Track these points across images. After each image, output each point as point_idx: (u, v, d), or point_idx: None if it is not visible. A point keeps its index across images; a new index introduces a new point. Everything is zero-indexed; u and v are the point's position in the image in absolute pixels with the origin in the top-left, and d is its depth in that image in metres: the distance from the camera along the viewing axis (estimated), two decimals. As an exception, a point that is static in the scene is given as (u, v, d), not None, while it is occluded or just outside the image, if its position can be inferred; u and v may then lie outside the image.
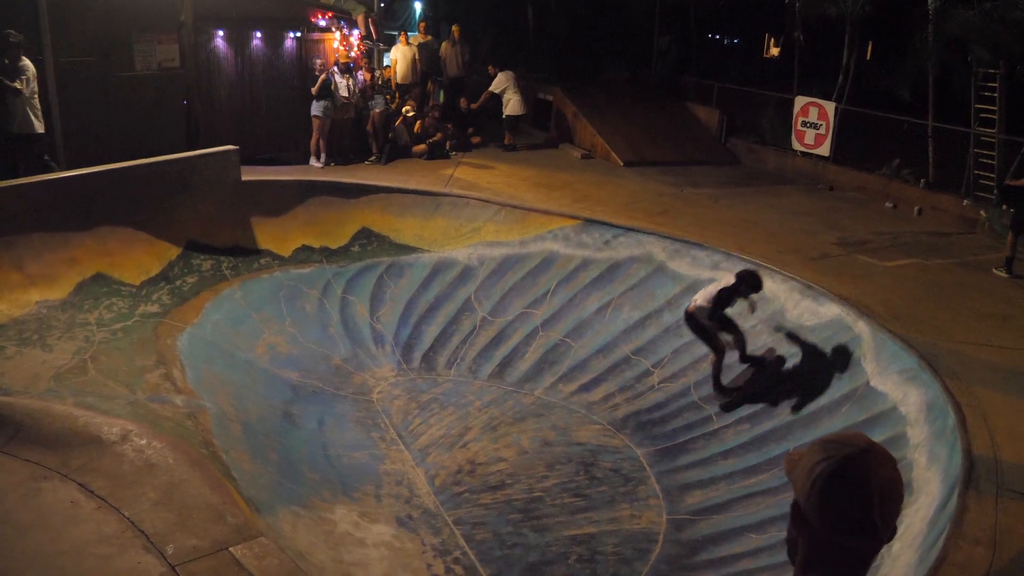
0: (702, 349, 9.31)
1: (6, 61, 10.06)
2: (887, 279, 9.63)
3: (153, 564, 4.39)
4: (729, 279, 8.41)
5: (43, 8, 10.77)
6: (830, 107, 14.72)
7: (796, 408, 8.08)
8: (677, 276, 10.26)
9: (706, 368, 9.03)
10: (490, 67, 16.35)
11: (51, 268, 9.15)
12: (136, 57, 12.11)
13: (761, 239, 10.83)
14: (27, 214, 9.19)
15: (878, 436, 7.11)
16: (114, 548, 4.50)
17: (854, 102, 14.91)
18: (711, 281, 9.93)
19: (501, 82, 15.89)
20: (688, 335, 9.51)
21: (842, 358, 8.23)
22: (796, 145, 15.36)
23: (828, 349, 8.45)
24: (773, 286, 9.43)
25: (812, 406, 8.02)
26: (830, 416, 7.75)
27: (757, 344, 9.01)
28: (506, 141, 15.95)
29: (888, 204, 13.16)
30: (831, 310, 8.81)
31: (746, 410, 8.36)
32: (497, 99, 16.08)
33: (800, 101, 15.28)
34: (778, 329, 9.04)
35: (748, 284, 8.33)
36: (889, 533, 1.72)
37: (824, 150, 14.82)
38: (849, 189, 14.11)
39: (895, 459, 1.76)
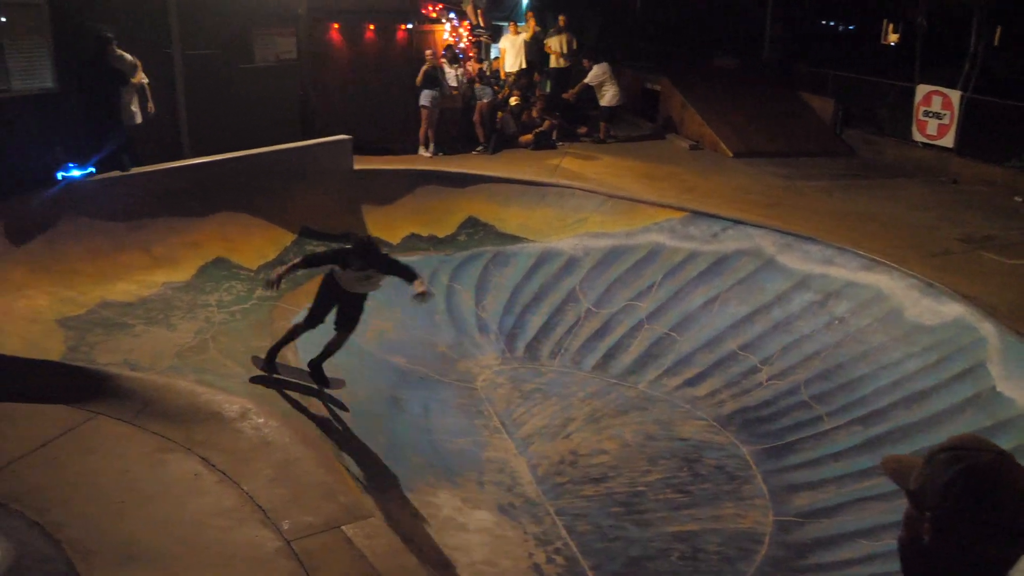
0: (812, 346, 9.09)
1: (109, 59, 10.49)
2: (1015, 278, 9.14)
3: (269, 538, 4.56)
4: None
5: (172, 4, 11.26)
6: (955, 96, 14.05)
7: (913, 411, 7.78)
8: (787, 271, 9.99)
9: (817, 366, 8.79)
10: (585, 60, 16.08)
11: (176, 251, 9.60)
12: (256, 49, 12.53)
13: (878, 234, 10.44)
14: (155, 199, 9.66)
15: (1005, 444, 6.74)
16: (233, 521, 4.70)
17: (981, 91, 14.18)
18: (823, 277, 9.68)
19: (597, 75, 15.62)
20: (798, 332, 9.30)
21: (965, 360, 7.88)
22: (917, 136, 14.72)
23: (950, 351, 8.09)
24: (891, 283, 9.11)
25: (931, 409, 7.71)
26: (951, 421, 7.43)
27: (872, 344, 8.69)
28: (600, 134, 15.70)
29: (1017, 199, 12.48)
30: (953, 310, 8.43)
31: (859, 411, 8.10)
32: (591, 90, 15.87)
33: (922, 90, 14.63)
34: (895, 328, 8.71)
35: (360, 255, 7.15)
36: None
37: (948, 141, 14.16)
38: (974, 182, 13.43)
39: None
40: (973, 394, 7.51)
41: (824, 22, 26.23)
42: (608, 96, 15.61)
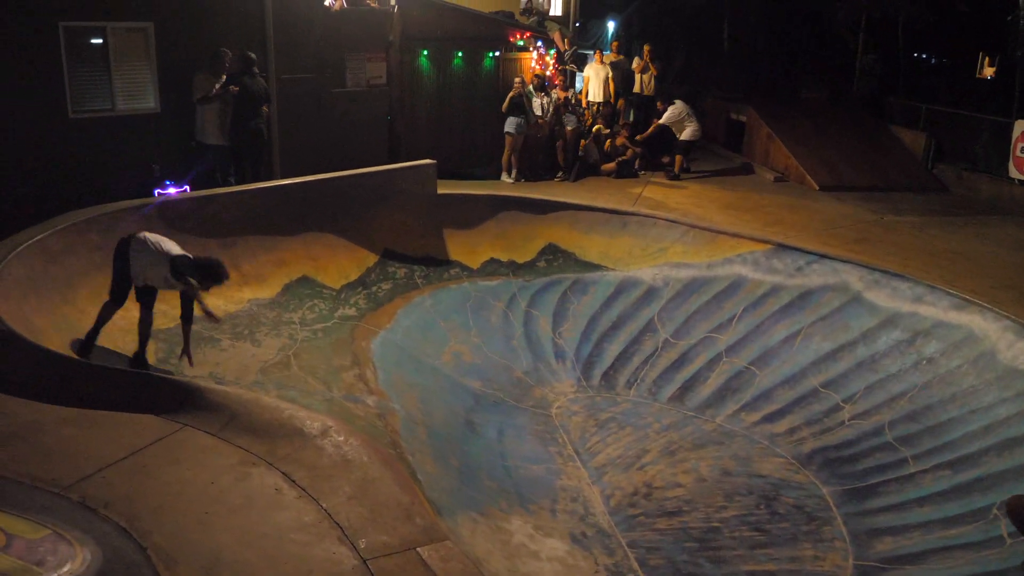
0: (898, 386, 8.81)
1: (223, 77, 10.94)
2: (1119, 324, 8.72)
3: (346, 556, 4.62)
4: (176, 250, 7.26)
5: (270, 28, 11.67)
6: (1055, 133, 13.55)
7: (1005, 458, 7.46)
8: (874, 308, 9.73)
9: (903, 407, 8.52)
10: (659, 103, 15.80)
11: (263, 269, 9.88)
12: (348, 74, 12.89)
13: (971, 272, 10.10)
14: (246, 218, 9.98)
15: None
16: (312, 536, 4.78)
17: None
18: (912, 315, 9.40)
19: (672, 115, 15.28)
20: (884, 371, 9.03)
21: (1063, 407, 7.54)
22: (1014, 173, 14.21)
23: (1046, 396, 7.76)
24: (984, 324, 8.79)
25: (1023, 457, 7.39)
26: (1046, 470, 7.11)
27: (962, 386, 8.39)
28: (675, 168, 15.28)
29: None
30: (1051, 354, 8.09)
31: (947, 455, 7.81)
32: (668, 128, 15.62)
33: (1021, 125, 14.14)
34: (988, 371, 8.39)
35: (202, 276, 7.19)
36: None
37: (1047, 179, 13.65)
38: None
39: None
40: (1071, 444, 7.17)
41: (917, 54, 25.63)
42: (687, 132, 15.30)
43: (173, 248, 7.25)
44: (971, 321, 8.98)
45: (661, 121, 15.41)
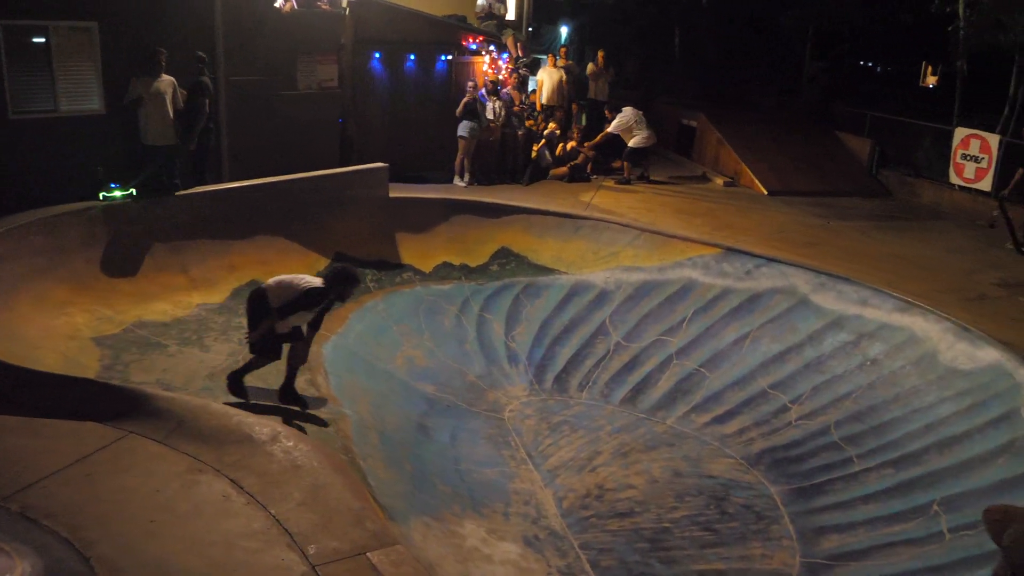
0: (844, 387, 8.99)
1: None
2: (1054, 325, 9.01)
3: (296, 562, 4.58)
4: (316, 281, 7.08)
5: (219, 30, 11.52)
6: (993, 140, 13.94)
7: (946, 456, 7.65)
8: (821, 311, 9.92)
9: (848, 407, 8.69)
10: (606, 111, 15.72)
11: (212, 273, 9.75)
12: (299, 76, 12.76)
13: (913, 276, 10.35)
14: (195, 222, 9.84)
15: (1039, 493, 6.68)
16: (261, 543, 4.73)
17: (1021, 135, 14.06)
18: (857, 317, 9.60)
19: (621, 123, 15.18)
20: (830, 372, 9.21)
21: (1000, 406, 7.76)
22: (954, 179, 14.61)
23: (984, 396, 7.97)
24: (926, 326, 9.01)
25: (963, 455, 7.58)
26: (984, 467, 7.30)
27: (905, 387, 8.60)
28: (625, 174, 15.27)
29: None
30: (989, 354, 8.32)
31: (890, 454, 7.99)
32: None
33: (960, 133, 14.54)
34: (929, 372, 8.60)
35: (338, 293, 7.11)
36: None
37: (985, 185, 14.03)
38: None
39: None
40: (1008, 440, 7.38)
41: (863, 63, 26.21)
42: (636, 139, 15.17)
43: (301, 282, 7.00)
44: (913, 323, 9.21)
45: (609, 129, 15.33)
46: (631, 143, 15.24)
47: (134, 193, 9.97)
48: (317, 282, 7.02)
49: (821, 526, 7.48)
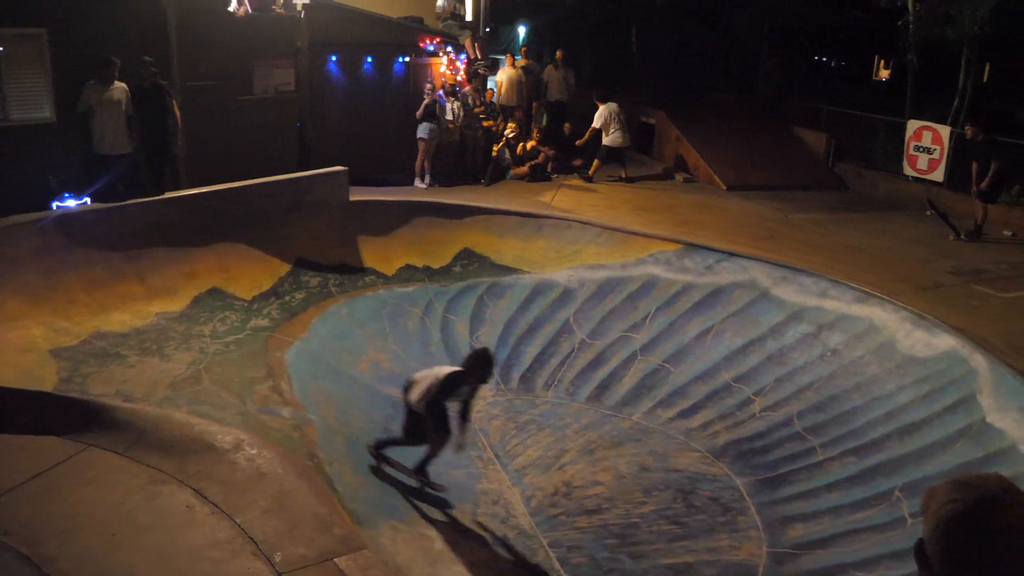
0: (805, 378, 9.11)
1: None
2: (1006, 310, 9.21)
3: (262, 570, 4.55)
4: (446, 369, 7.23)
5: (172, 35, 11.38)
6: (945, 131, 14.20)
7: (906, 443, 7.79)
8: (782, 303, 10.05)
9: (810, 398, 8.82)
10: (598, 102, 15.82)
11: (171, 281, 9.62)
12: (255, 81, 12.65)
13: (870, 267, 10.52)
14: (153, 229, 9.71)
15: (996, 476, 6.80)
16: (227, 552, 4.68)
17: (976, 116, 14.33)
18: (817, 309, 9.73)
19: (601, 114, 15.39)
20: (792, 364, 9.33)
21: (957, 392, 7.91)
22: (908, 170, 14.86)
23: (942, 382, 8.13)
24: (884, 315, 9.16)
25: (923, 441, 7.72)
26: (943, 452, 7.45)
27: (865, 376, 8.74)
28: (591, 171, 15.37)
29: (1006, 232, 12.60)
30: (945, 342, 8.48)
31: (852, 442, 8.11)
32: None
33: (913, 125, 14.79)
34: (888, 360, 8.75)
35: (477, 375, 7.14)
36: None
37: (938, 176, 14.28)
38: (965, 217, 13.53)
39: None
40: (965, 425, 7.53)
41: (818, 58, 26.58)
42: (611, 138, 15.33)
43: (439, 373, 7.11)
44: (872, 313, 9.35)
45: (594, 124, 15.44)
46: (605, 141, 15.38)
47: (88, 202, 9.81)
48: (454, 369, 7.14)
49: (786, 516, 7.57)
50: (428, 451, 7.26)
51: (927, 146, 14.47)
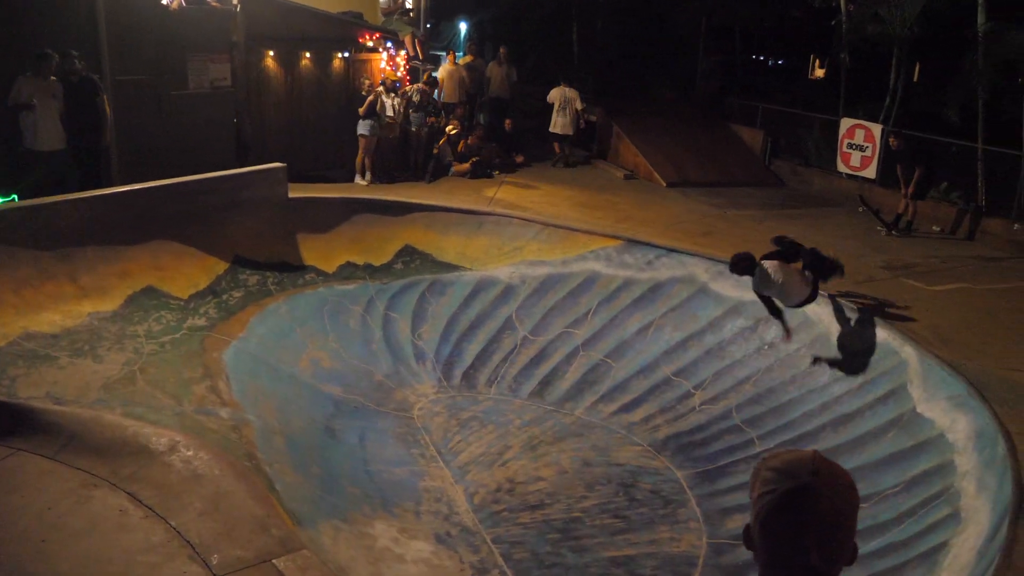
0: (744, 371, 9.27)
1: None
2: (935, 303, 9.48)
3: (199, 573, 4.47)
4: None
5: (102, 27, 11.08)
6: (876, 129, 14.57)
7: (840, 433, 7.98)
8: (720, 298, 10.20)
9: (748, 391, 8.97)
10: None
11: (104, 280, 9.37)
12: (189, 76, 12.39)
13: (806, 262, 10.71)
14: (83, 227, 9.44)
15: (925, 464, 7.03)
16: (161, 556, 4.59)
17: (901, 124, 14.73)
18: (754, 303, 9.89)
19: (552, 97, 16.32)
20: (730, 358, 9.48)
21: (888, 383, 8.13)
22: (842, 167, 15.21)
23: (873, 374, 8.34)
24: (819, 309, 9.35)
25: (856, 431, 7.92)
26: (875, 441, 7.65)
27: (801, 368, 8.93)
28: (556, 151, 16.48)
29: (935, 228, 12.98)
30: (877, 334, 8.70)
31: (789, 434, 8.28)
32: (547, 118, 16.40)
33: (846, 123, 15.14)
34: (823, 353, 8.94)
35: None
36: (846, 559, 1.68)
37: (870, 172, 14.65)
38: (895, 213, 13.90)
39: (849, 478, 1.69)
40: (896, 416, 7.74)
41: (755, 56, 26.99)
42: (553, 123, 16.28)
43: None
44: (807, 307, 9.52)
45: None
46: (550, 126, 16.14)
47: (15, 199, 9.51)
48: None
49: (726, 507, 7.70)
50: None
51: (860, 143, 14.83)
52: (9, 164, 10.09)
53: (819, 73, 27.51)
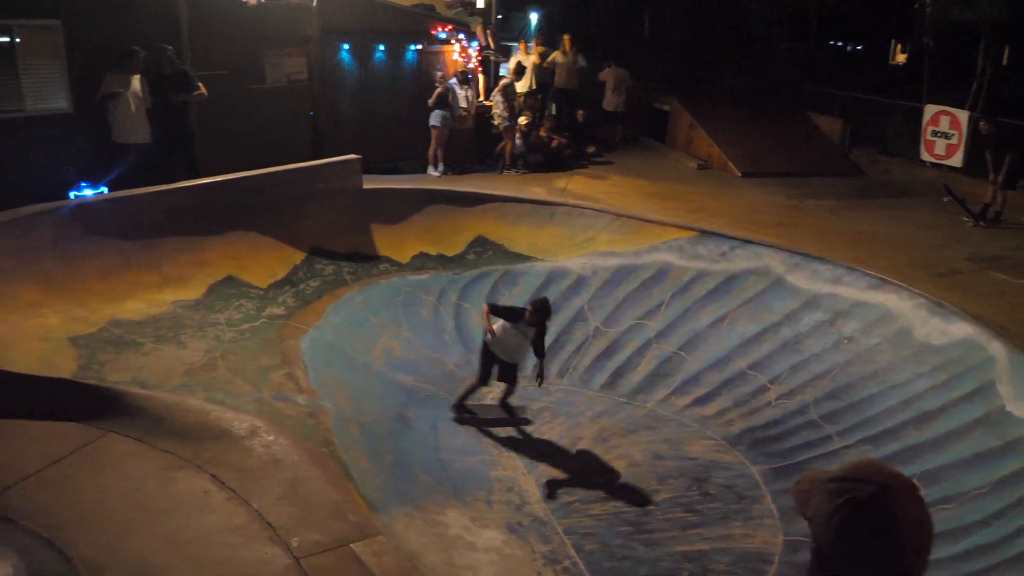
0: (821, 366, 9.07)
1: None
2: (1023, 298, 9.13)
3: (279, 556, 4.57)
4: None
5: (184, 24, 11.39)
6: (963, 116, 14.07)
7: (923, 431, 7.75)
8: (796, 290, 9.99)
9: (826, 385, 8.78)
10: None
11: (185, 270, 9.65)
12: (267, 70, 12.65)
13: (886, 253, 10.44)
14: (165, 219, 9.73)
15: (1013, 464, 6.77)
16: (242, 538, 4.71)
17: (991, 110, 14.18)
18: (831, 296, 9.68)
19: (604, 75, 16.88)
20: (807, 351, 9.29)
21: (974, 380, 7.86)
22: (925, 156, 14.75)
23: (958, 370, 8.07)
24: (899, 302, 9.10)
25: (940, 429, 7.67)
26: (959, 440, 7.40)
27: (881, 363, 8.68)
28: (607, 134, 16.89)
29: (1025, 219, 12.49)
30: (962, 329, 8.41)
31: (868, 430, 8.07)
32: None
33: (930, 110, 14.66)
34: (904, 348, 8.69)
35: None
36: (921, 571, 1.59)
37: (956, 161, 14.17)
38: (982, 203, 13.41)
39: (920, 490, 1.61)
40: (982, 414, 7.48)
41: (832, 42, 26.34)
42: (605, 100, 16.89)
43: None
44: (887, 300, 9.29)
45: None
46: (603, 103, 16.62)
47: (105, 191, 9.85)
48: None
49: (801, 503, 7.54)
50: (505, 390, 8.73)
51: (945, 131, 14.35)
52: (100, 157, 10.45)
53: (900, 58, 26.70)
